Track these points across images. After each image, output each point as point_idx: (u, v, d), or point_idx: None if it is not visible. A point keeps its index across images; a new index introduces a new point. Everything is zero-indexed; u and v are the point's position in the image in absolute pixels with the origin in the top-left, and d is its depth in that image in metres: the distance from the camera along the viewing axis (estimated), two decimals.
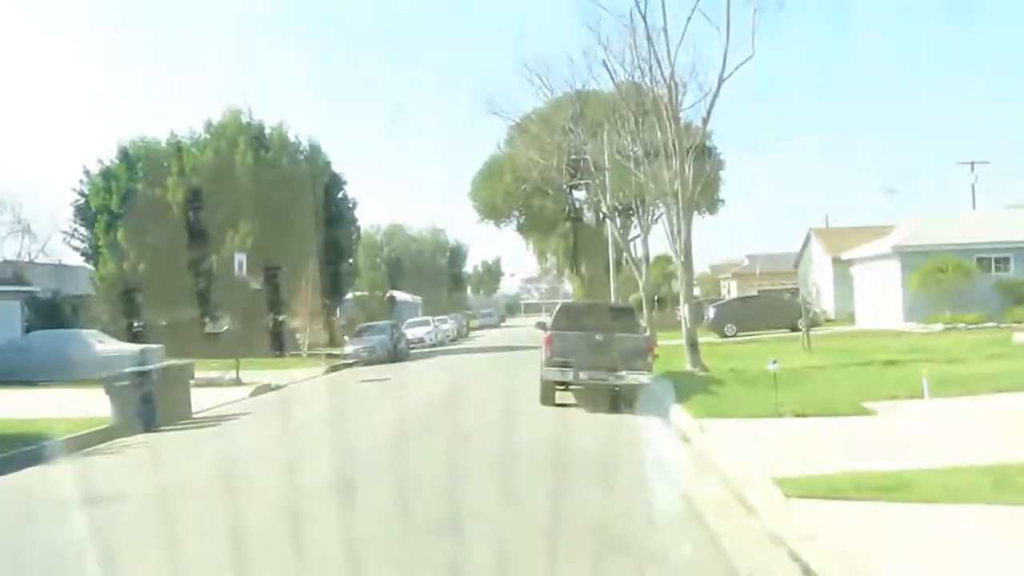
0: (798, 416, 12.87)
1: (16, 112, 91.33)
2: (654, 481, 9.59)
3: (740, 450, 10.54)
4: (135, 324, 38.00)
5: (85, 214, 40.15)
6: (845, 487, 8.11)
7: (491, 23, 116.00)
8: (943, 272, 34.84)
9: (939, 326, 32.71)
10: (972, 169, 50.80)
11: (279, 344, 38.49)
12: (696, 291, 31.98)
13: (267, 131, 41.29)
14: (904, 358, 20.29)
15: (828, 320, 44.69)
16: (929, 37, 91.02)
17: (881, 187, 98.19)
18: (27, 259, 51.19)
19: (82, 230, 40.68)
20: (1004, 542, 6.57)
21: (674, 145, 22.76)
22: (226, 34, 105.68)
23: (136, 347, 27.52)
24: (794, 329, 33.17)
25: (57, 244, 49.57)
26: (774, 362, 14.50)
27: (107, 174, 39.82)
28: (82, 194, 40.33)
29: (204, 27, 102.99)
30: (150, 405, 16.22)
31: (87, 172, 40.40)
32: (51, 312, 35.20)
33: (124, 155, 40.22)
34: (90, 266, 41.17)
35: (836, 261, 47.12)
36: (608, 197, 35.39)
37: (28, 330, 32.16)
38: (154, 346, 27.39)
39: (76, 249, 41.89)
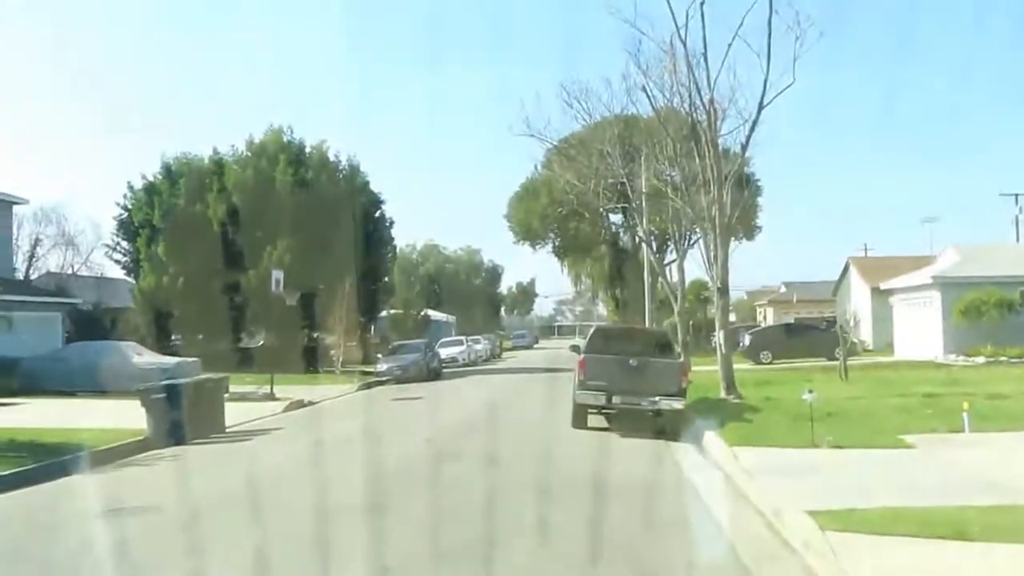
0: (834, 447, 12.69)
1: (65, 127, 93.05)
2: (688, 511, 9.49)
3: (774, 480, 10.40)
4: (172, 337, 38.42)
5: (128, 228, 40.72)
6: (883, 522, 7.95)
7: (531, 45, 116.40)
8: (985, 304, 34.31)
9: (981, 359, 32.24)
10: (1016, 201, 50.19)
11: (313, 360, 38.66)
12: (732, 318, 31.67)
13: (308, 150, 41.68)
14: (944, 391, 19.96)
15: (866, 350, 44.16)
16: (974, 67, 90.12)
17: (922, 217, 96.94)
18: (70, 271, 51.97)
19: (124, 244, 41.25)
20: None
21: (712, 171, 22.62)
22: (270, 53, 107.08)
23: (172, 360, 27.78)
24: (831, 358, 32.74)
25: (99, 257, 50.39)
26: (809, 391, 14.32)
27: (150, 189, 40.39)
28: (125, 208, 40.92)
29: (249, 47, 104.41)
30: (184, 418, 16.31)
31: (131, 187, 41.02)
32: (91, 324, 35.59)
33: (167, 171, 40.76)
34: (131, 279, 41.71)
35: (875, 291, 46.62)
36: (644, 222, 35.26)
37: (68, 341, 32.55)
38: (190, 360, 27.63)
39: (118, 262, 42.55)
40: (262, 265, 35.53)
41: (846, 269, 55.40)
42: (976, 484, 9.71)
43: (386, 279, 48.94)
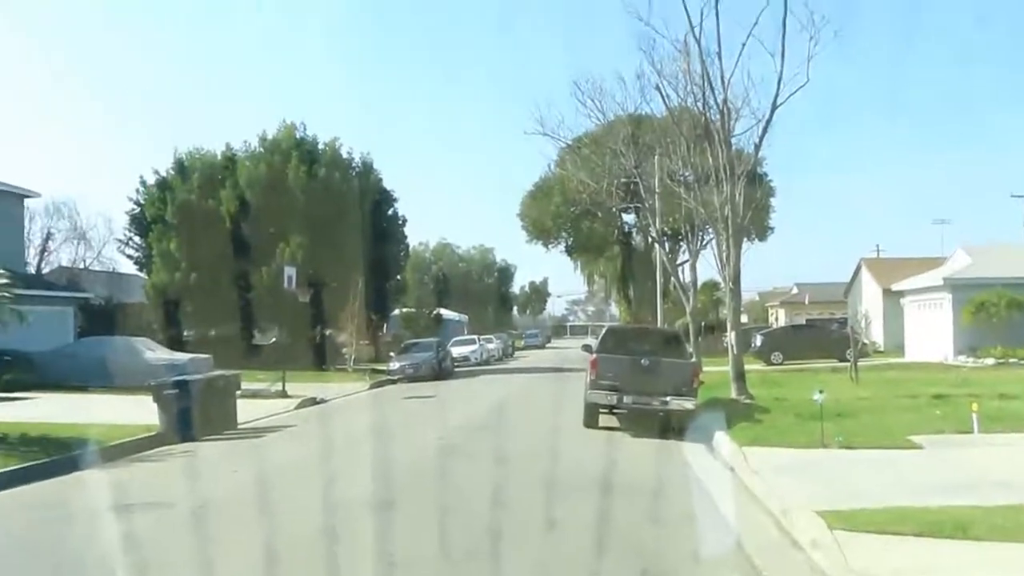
0: (844, 447, 12.70)
1: (79, 121, 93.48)
2: (697, 509, 9.50)
3: (784, 480, 10.42)
4: (184, 333, 38.54)
5: (140, 223, 40.83)
6: (890, 521, 7.96)
7: (545, 43, 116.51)
8: (995, 306, 34.19)
9: (991, 360, 32.12)
10: None
11: (325, 358, 38.76)
12: (744, 318, 31.59)
13: (320, 146, 41.67)
14: (953, 392, 19.89)
15: (877, 351, 44.00)
16: (987, 70, 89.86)
17: (934, 218, 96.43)
18: (82, 266, 52.21)
19: (136, 239, 41.43)
20: None
21: (725, 171, 22.60)
22: (283, 51, 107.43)
23: (185, 356, 27.86)
24: (842, 360, 32.65)
25: (111, 252, 50.66)
26: (820, 392, 14.35)
27: (162, 184, 40.43)
28: (138, 203, 41.02)
29: (262, 43, 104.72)
30: (196, 414, 16.37)
31: (143, 182, 41.13)
32: (103, 319, 35.73)
33: (180, 166, 40.82)
34: (143, 274, 41.88)
35: (887, 292, 46.52)
36: (657, 221, 35.20)
37: (80, 336, 32.69)
38: (202, 356, 27.70)
39: (130, 257, 42.78)
40: (274, 261, 35.64)
41: (858, 270, 55.30)
42: (984, 484, 9.69)
43: (398, 277, 49.03)
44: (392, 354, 38.87)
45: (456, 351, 45.32)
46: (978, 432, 13.55)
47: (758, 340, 41.73)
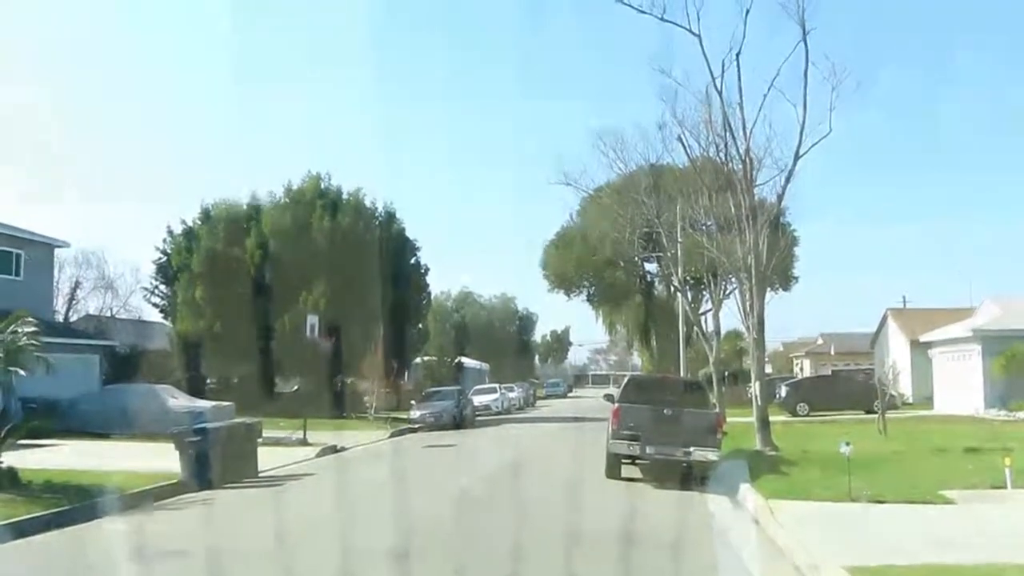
0: (873, 501, 12.48)
1: (109, 172, 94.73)
2: (721, 563, 9.34)
3: (811, 534, 10.22)
4: (207, 380, 38.65)
5: (166, 272, 41.22)
6: None
7: (568, 93, 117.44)
8: None
9: (1023, 414, 31.62)
10: None
11: (345, 406, 38.68)
12: (768, 368, 31.34)
13: (344, 196, 42.04)
14: (985, 446, 19.57)
15: (905, 404, 43.40)
16: (1011, 116, 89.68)
17: (961, 269, 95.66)
18: (109, 314, 52.59)
19: (162, 287, 41.74)
20: None
21: (748, 220, 22.56)
22: (310, 102, 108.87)
23: (207, 404, 27.94)
24: (869, 411, 32.27)
25: (138, 300, 51.07)
26: (847, 444, 14.13)
27: (189, 233, 40.92)
28: (164, 252, 41.44)
29: (288, 95, 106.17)
30: (217, 462, 16.33)
31: (170, 231, 41.62)
32: (128, 366, 35.94)
33: (206, 215, 41.29)
34: (168, 322, 42.13)
35: (914, 343, 46.07)
36: (680, 270, 35.14)
37: (106, 383, 32.83)
38: (224, 404, 27.78)
39: (156, 306, 43.07)
40: (297, 310, 35.80)
41: (884, 321, 54.83)
42: (1019, 541, 9.47)
43: (420, 325, 49.03)
44: (413, 402, 38.76)
45: (477, 400, 45.09)
46: (1012, 487, 13.29)
47: (783, 390, 41.35)
